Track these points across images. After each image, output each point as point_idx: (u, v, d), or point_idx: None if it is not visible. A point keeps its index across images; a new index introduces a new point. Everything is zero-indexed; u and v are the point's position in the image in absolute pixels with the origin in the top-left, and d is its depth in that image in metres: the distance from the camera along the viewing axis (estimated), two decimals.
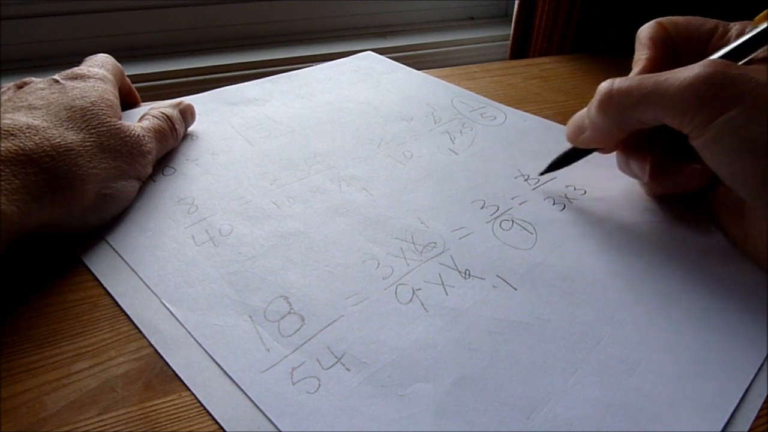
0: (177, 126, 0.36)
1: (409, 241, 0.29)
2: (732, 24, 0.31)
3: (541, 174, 0.35)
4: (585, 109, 0.31)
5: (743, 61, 0.27)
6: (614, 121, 0.28)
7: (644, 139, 0.31)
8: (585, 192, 0.33)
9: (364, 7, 0.67)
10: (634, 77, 0.27)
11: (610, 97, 0.28)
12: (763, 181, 0.24)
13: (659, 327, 0.24)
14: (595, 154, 0.33)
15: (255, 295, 0.26)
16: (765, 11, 0.28)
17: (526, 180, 0.34)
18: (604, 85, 0.28)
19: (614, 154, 0.33)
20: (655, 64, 0.30)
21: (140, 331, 0.24)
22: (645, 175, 0.30)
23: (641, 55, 0.31)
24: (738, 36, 0.30)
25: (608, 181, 0.34)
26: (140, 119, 0.34)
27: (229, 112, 0.42)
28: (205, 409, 0.21)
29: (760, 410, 0.21)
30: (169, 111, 0.36)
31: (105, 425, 0.20)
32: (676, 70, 0.26)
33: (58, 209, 0.26)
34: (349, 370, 0.22)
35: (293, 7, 0.64)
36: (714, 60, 0.25)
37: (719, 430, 0.20)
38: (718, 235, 0.30)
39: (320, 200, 0.32)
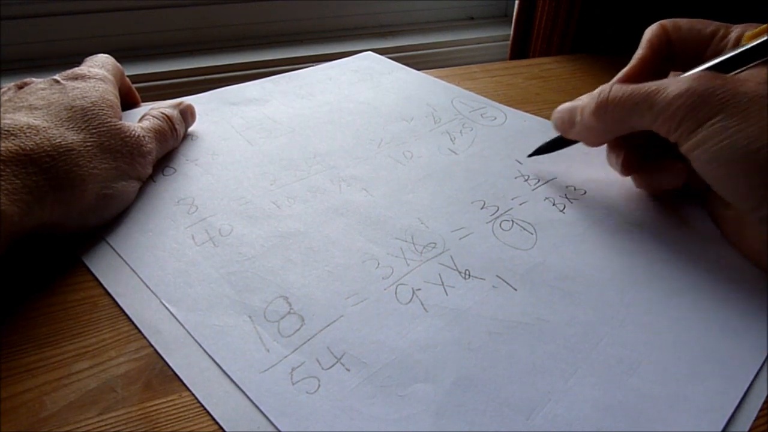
0: (177, 126, 0.36)
1: (409, 241, 0.29)
2: (733, 27, 0.31)
3: (529, 156, 0.36)
4: (575, 102, 0.32)
5: (735, 72, 0.28)
6: (607, 126, 0.30)
7: (625, 135, 0.31)
8: (585, 192, 0.33)
9: (364, 7, 0.67)
10: (627, 86, 0.28)
11: (605, 105, 0.29)
12: (744, 185, 0.25)
13: (659, 327, 0.24)
14: (596, 153, 0.33)
15: (255, 295, 0.26)
16: (754, 30, 0.28)
17: (526, 180, 0.34)
18: (600, 93, 0.29)
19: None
20: (645, 65, 0.32)
21: (140, 331, 0.24)
22: (619, 169, 0.32)
23: (636, 54, 0.33)
24: (737, 41, 0.30)
25: (608, 181, 0.34)
26: (140, 119, 0.34)
27: (229, 112, 0.42)
28: (205, 409, 0.21)
29: (760, 410, 0.21)
30: (169, 111, 0.36)
31: (105, 425, 0.20)
32: (667, 80, 0.27)
33: (58, 209, 0.26)
34: (348, 370, 0.22)
35: (293, 7, 0.64)
36: (701, 73, 0.26)
37: (719, 430, 0.20)
38: (718, 235, 0.30)
39: (320, 200, 0.32)
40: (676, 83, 0.26)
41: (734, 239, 0.29)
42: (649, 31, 0.33)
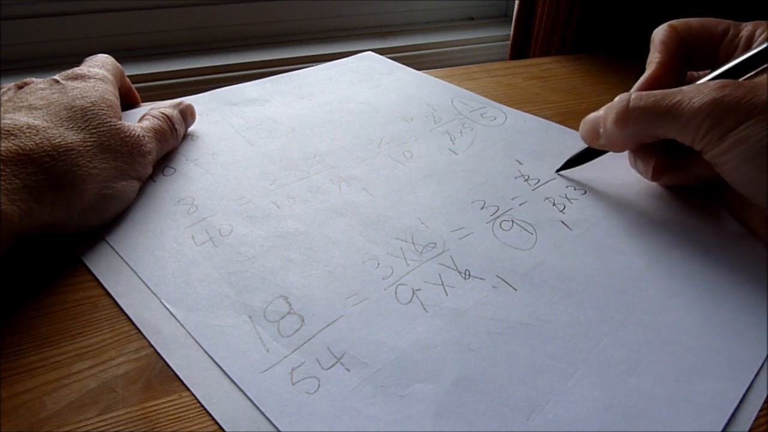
0: (177, 126, 0.36)
1: (409, 241, 0.29)
2: (744, 24, 0.31)
3: (557, 171, 0.35)
4: (599, 113, 0.32)
5: (750, 74, 0.28)
6: (629, 135, 0.30)
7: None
8: (585, 192, 0.33)
9: (364, 7, 0.67)
10: (648, 95, 0.29)
11: (626, 115, 0.29)
12: None
13: (659, 327, 0.25)
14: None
15: (255, 295, 0.26)
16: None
17: (526, 180, 0.34)
18: (621, 102, 0.30)
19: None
20: (666, 69, 0.32)
21: (140, 331, 0.24)
22: (648, 176, 0.32)
23: (653, 58, 0.33)
24: (748, 40, 0.30)
25: (608, 181, 0.34)
26: (140, 119, 0.34)
27: (229, 113, 0.42)
28: (205, 409, 0.21)
29: (760, 410, 0.21)
30: (169, 111, 0.36)
31: (105, 425, 0.20)
32: (688, 89, 0.27)
33: (58, 209, 0.26)
34: (348, 370, 0.22)
35: (293, 7, 0.64)
36: (723, 82, 0.27)
37: (719, 430, 0.20)
38: (718, 235, 0.30)
39: (320, 200, 0.32)
40: (699, 94, 0.27)
41: (763, 233, 0.29)
42: (660, 34, 0.33)
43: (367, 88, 0.46)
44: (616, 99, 0.30)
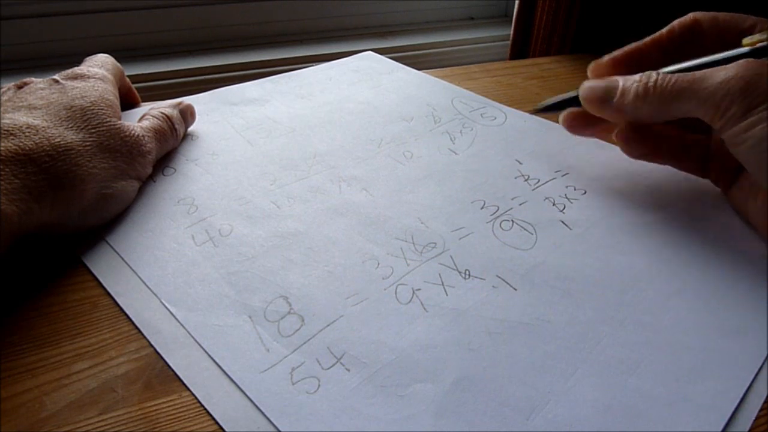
0: (177, 126, 0.36)
1: (409, 241, 0.29)
2: None
3: (535, 111, 0.37)
4: (610, 83, 0.31)
5: None
6: (648, 113, 0.30)
7: None
8: (585, 192, 0.33)
9: (364, 7, 0.67)
10: (673, 75, 0.28)
11: (647, 92, 0.29)
12: None
13: (659, 327, 0.24)
14: (596, 153, 0.33)
15: (255, 295, 0.26)
16: None
17: (526, 180, 0.34)
18: (647, 77, 0.29)
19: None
20: (653, 45, 0.33)
21: (140, 331, 0.24)
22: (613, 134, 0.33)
23: (654, 35, 0.33)
24: None
25: (608, 181, 0.34)
26: (140, 119, 0.34)
27: (229, 112, 0.42)
28: (205, 409, 0.21)
29: (760, 410, 0.21)
30: (169, 111, 0.36)
31: (105, 425, 0.20)
32: (713, 68, 0.27)
33: (58, 209, 0.26)
34: (348, 370, 0.22)
35: (293, 7, 0.64)
36: (749, 60, 0.26)
37: (719, 430, 0.20)
38: (718, 236, 0.30)
39: (320, 200, 0.32)
40: (721, 70, 0.26)
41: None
42: (679, 19, 0.33)
43: (367, 88, 0.46)
44: (639, 75, 0.30)
